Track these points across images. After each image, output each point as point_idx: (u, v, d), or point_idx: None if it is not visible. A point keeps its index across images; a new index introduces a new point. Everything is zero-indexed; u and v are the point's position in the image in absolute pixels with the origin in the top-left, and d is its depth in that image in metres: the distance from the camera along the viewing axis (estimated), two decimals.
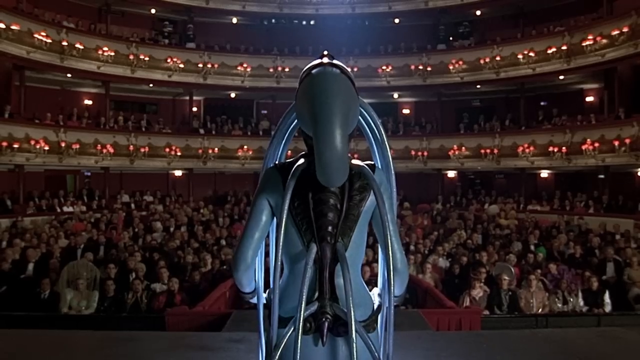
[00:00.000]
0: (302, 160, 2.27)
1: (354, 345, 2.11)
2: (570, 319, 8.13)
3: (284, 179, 2.25)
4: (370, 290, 2.45)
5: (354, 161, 2.28)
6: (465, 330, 7.32)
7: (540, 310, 8.59)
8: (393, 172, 2.51)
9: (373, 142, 2.54)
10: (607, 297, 8.89)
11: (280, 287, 2.30)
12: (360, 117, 2.40)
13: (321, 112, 2.02)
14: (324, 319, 2.18)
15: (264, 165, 2.51)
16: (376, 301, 2.40)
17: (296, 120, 2.43)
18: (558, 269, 9.79)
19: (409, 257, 10.63)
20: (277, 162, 2.50)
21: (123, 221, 16.72)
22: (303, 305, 2.13)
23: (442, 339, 6.21)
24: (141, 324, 7.49)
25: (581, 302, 8.88)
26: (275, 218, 2.31)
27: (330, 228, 2.21)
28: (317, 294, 2.22)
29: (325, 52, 2.25)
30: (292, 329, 2.16)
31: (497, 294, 8.63)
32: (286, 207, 2.18)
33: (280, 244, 2.19)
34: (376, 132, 2.51)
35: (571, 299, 8.86)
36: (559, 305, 8.83)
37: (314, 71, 2.13)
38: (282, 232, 2.18)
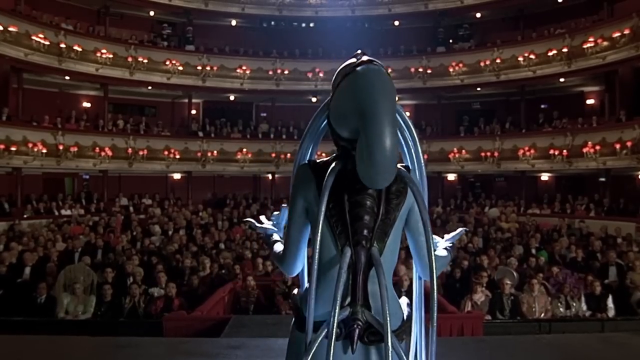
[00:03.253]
0: (336, 162, 2.20)
1: (390, 355, 2.05)
2: (573, 324, 8.05)
3: (318, 178, 2.21)
4: (399, 298, 2.40)
5: None
6: (467, 335, 7.23)
7: (542, 315, 8.49)
8: (425, 175, 2.46)
9: (403, 144, 2.48)
10: (610, 302, 8.79)
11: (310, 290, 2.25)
12: None
13: (372, 109, 1.95)
14: (355, 326, 2.13)
15: (295, 164, 2.45)
16: (405, 311, 2.35)
17: (326, 121, 2.36)
18: (561, 273, 9.67)
19: (410, 262, 10.49)
20: (309, 160, 2.43)
21: (121, 224, 16.62)
22: (337, 310, 2.07)
23: (444, 345, 6.10)
24: (138, 329, 7.42)
25: (584, 307, 8.78)
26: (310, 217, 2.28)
27: (366, 232, 2.16)
28: (349, 300, 2.17)
29: (359, 51, 2.20)
30: (323, 334, 2.11)
31: (499, 299, 8.53)
32: (323, 210, 2.12)
33: (317, 247, 2.14)
34: (407, 133, 2.46)
35: (574, 304, 8.76)
36: (562, 310, 8.73)
37: (359, 68, 2.07)
38: (319, 235, 2.14)
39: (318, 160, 2.33)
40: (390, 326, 2.07)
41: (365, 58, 2.11)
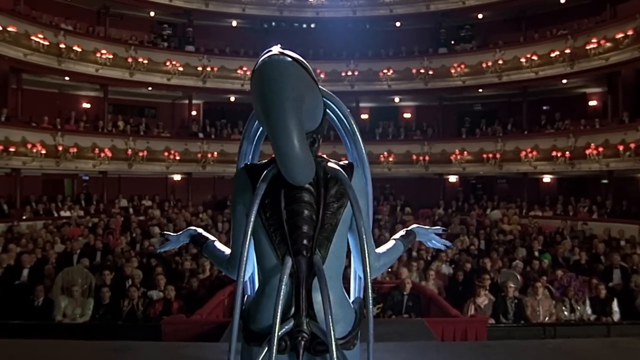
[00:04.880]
0: (272, 166, 2.11)
1: None
2: (578, 328, 7.93)
3: (254, 183, 2.12)
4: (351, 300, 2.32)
5: (330, 164, 2.14)
6: (471, 340, 7.11)
7: (547, 318, 8.39)
8: (368, 167, 2.37)
9: (345, 135, 2.40)
10: (615, 306, 8.69)
11: (254, 301, 2.20)
12: (329, 112, 2.27)
13: (270, 101, 1.85)
14: (300, 338, 2.06)
15: (239, 156, 2.43)
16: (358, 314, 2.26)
17: None
18: (565, 276, 9.55)
19: (412, 264, 10.50)
20: (247, 163, 2.38)
21: (121, 226, 16.49)
22: (278, 323, 1.99)
23: (448, 350, 6.00)
24: (137, 333, 7.28)
25: (589, 311, 8.69)
26: None
27: (305, 241, 2.08)
28: (293, 310, 2.09)
29: (278, 45, 2.05)
30: (266, 348, 2.02)
31: (502, 302, 8.44)
32: (252, 218, 2.04)
33: (244, 257, 2.06)
34: (346, 124, 2.37)
35: (578, 307, 8.66)
36: (566, 313, 8.63)
37: (260, 60, 1.92)
38: (247, 244, 2.06)
39: (257, 163, 2.26)
40: (335, 335, 2.00)
41: (274, 49, 1.94)
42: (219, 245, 2.51)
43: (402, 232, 2.57)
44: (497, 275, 10.10)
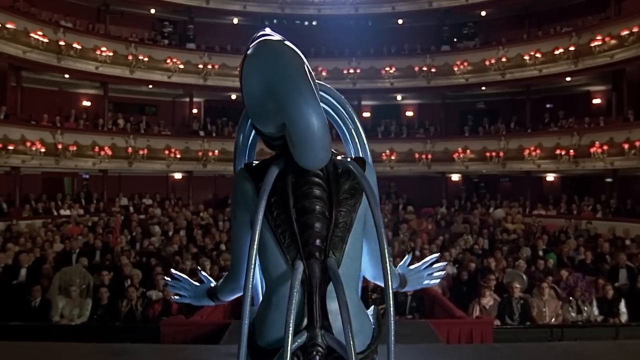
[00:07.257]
0: (276, 162, 1.93)
1: None
2: (586, 329, 7.79)
3: (257, 183, 1.92)
4: (367, 309, 2.11)
5: (340, 157, 1.95)
6: (476, 342, 6.96)
7: (553, 319, 8.24)
8: (372, 164, 2.16)
9: (346, 132, 2.23)
10: (622, 306, 8.53)
11: (260, 313, 1.98)
12: (325, 106, 2.07)
13: (283, 80, 1.71)
14: (314, 352, 1.83)
15: (234, 169, 2.21)
16: (375, 324, 2.07)
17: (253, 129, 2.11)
18: (571, 276, 9.40)
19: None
20: (246, 163, 2.19)
21: (121, 225, 16.36)
22: (290, 336, 1.76)
23: (455, 353, 5.86)
24: (135, 335, 7.15)
25: (596, 312, 8.54)
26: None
27: (318, 241, 1.87)
28: (305, 322, 1.87)
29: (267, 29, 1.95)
30: None
31: (508, 303, 8.28)
32: (260, 217, 1.83)
33: (252, 263, 1.83)
34: (347, 118, 2.20)
35: (585, 308, 8.51)
36: (573, 314, 8.49)
37: (255, 45, 1.81)
38: (255, 249, 1.83)
39: (255, 163, 2.06)
40: (355, 350, 1.78)
41: (266, 36, 1.84)
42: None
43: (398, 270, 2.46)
44: (502, 275, 9.96)
